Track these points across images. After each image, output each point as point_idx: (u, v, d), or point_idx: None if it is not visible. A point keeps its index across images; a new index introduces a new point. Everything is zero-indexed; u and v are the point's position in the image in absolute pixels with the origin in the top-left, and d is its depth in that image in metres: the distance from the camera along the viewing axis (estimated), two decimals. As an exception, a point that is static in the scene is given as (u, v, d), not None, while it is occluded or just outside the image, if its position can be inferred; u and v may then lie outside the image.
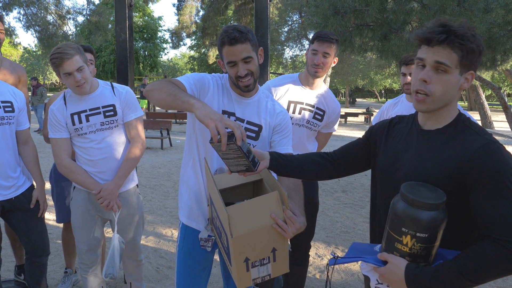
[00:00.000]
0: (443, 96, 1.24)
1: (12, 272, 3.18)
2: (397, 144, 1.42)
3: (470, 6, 4.32)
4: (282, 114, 1.84)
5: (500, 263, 1.15)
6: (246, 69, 1.64)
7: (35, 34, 14.53)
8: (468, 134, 1.25)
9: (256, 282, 1.47)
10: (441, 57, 1.20)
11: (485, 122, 16.51)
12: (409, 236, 1.23)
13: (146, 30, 29.49)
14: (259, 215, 1.38)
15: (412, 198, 1.22)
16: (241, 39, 1.58)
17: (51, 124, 2.24)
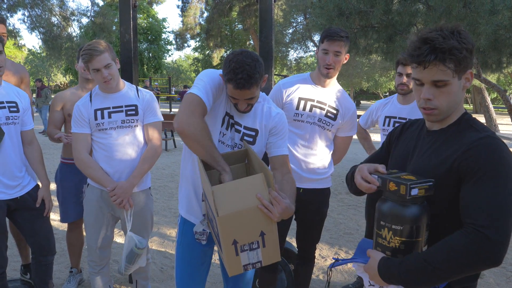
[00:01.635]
0: (450, 104, 1.27)
1: (18, 271, 3.20)
2: (406, 145, 1.45)
3: (476, 8, 4.30)
4: (278, 116, 1.86)
5: (470, 250, 1.12)
6: (246, 104, 1.69)
7: (39, 36, 14.60)
8: (470, 131, 1.27)
9: (247, 269, 1.47)
10: (436, 76, 1.22)
11: (490, 125, 16.44)
12: (387, 229, 1.27)
13: (150, 32, 29.58)
14: (245, 195, 1.40)
15: (385, 191, 1.27)
16: (248, 85, 1.59)
17: (75, 120, 2.33)
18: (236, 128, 1.79)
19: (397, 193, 1.22)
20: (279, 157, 1.83)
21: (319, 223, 2.53)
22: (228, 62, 1.60)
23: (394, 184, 1.22)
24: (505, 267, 3.68)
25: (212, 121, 1.75)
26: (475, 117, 1.35)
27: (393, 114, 2.87)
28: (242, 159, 1.78)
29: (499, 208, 1.13)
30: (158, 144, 2.45)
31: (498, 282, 3.38)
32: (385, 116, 2.91)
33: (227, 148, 1.79)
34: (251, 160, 1.70)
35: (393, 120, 2.86)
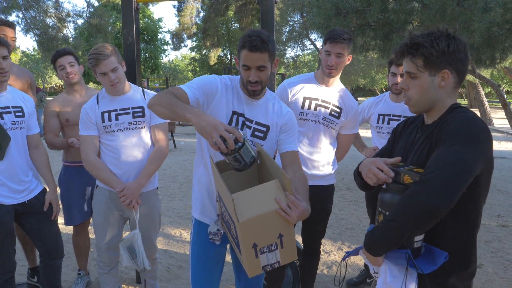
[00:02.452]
0: (421, 97, 1.40)
1: (25, 275, 3.22)
2: (407, 140, 1.54)
3: (469, 6, 4.38)
4: (288, 115, 1.91)
5: (413, 197, 1.20)
6: (257, 77, 1.71)
7: (34, 38, 14.55)
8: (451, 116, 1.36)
9: (266, 270, 1.52)
10: (406, 67, 1.40)
11: (485, 119, 16.56)
12: (382, 215, 1.37)
13: (146, 32, 29.50)
14: (263, 200, 1.44)
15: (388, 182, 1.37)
16: (261, 48, 1.65)
17: (83, 122, 2.36)
18: (247, 124, 1.82)
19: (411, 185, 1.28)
20: (289, 153, 1.87)
21: (324, 219, 2.59)
22: (243, 35, 1.71)
23: (410, 177, 1.29)
24: (502, 256, 3.77)
25: None
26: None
27: (387, 112, 2.94)
28: None
29: (446, 160, 1.21)
30: (164, 145, 2.50)
31: (496, 271, 3.46)
32: (378, 114, 2.98)
33: None
34: (264, 161, 1.73)
35: (387, 118, 2.94)
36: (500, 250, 3.91)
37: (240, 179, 1.77)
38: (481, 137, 1.25)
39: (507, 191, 6.26)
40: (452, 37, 1.35)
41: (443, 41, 1.33)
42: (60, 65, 2.80)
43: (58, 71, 2.83)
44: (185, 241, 4.15)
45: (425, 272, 1.28)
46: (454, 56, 1.35)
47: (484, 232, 4.39)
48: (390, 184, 1.36)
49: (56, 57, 2.81)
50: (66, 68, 2.79)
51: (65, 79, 2.83)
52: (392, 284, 1.33)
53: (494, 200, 5.70)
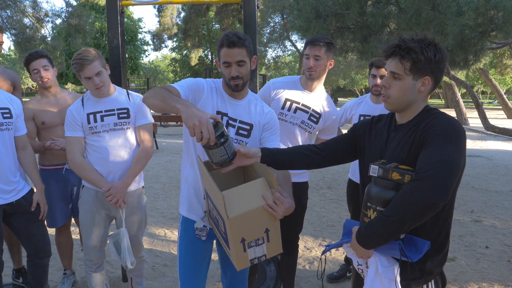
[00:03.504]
0: (400, 97, 1.50)
1: (9, 276, 3.21)
2: (379, 139, 1.63)
3: (443, 10, 4.57)
4: (270, 114, 2.02)
5: (411, 194, 1.29)
6: (238, 71, 1.81)
7: (11, 38, 14.23)
8: (427, 117, 1.48)
9: (253, 262, 1.61)
10: (393, 68, 1.48)
11: (460, 119, 17.06)
12: (372, 209, 1.45)
13: (126, 32, 29.18)
14: (251, 197, 1.53)
15: (375, 177, 1.46)
16: (239, 43, 1.76)
17: (68, 124, 2.39)
18: (230, 123, 1.91)
19: (400, 181, 1.38)
20: None
21: (300, 214, 2.71)
22: (222, 35, 1.81)
23: (398, 174, 1.39)
24: (475, 249, 3.96)
25: None
26: (446, 111, 1.56)
27: (367, 112, 3.08)
28: None
29: (439, 159, 1.31)
30: (149, 145, 2.56)
31: (469, 264, 3.64)
32: (359, 114, 3.13)
33: None
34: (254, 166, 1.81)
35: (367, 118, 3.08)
36: (473, 244, 4.11)
37: (226, 178, 1.84)
38: (462, 138, 1.37)
39: (480, 188, 6.53)
40: (439, 47, 1.45)
41: (431, 49, 1.43)
42: (34, 68, 2.76)
43: (31, 75, 2.79)
44: (170, 240, 4.20)
45: (414, 260, 1.38)
46: (437, 66, 1.45)
47: (458, 227, 4.59)
48: (378, 180, 1.45)
49: (29, 60, 2.76)
50: (40, 72, 2.76)
51: (40, 83, 2.80)
52: (384, 273, 1.42)
53: (468, 197, 5.94)
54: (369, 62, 3.11)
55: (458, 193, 6.15)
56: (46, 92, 2.89)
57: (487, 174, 7.66)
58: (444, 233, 1.48)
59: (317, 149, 1.78)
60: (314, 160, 1.76)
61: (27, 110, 2.79)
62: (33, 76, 2.80)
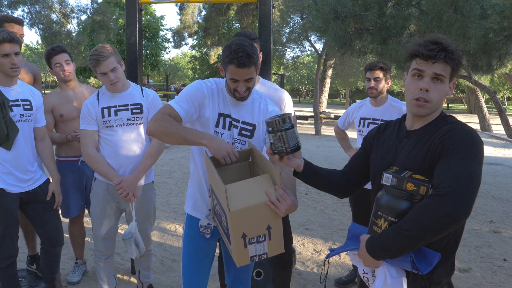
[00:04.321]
0: (439, 101, 1.44)
1: (24, 262, 3.31)
2: (387, 146, 1.59)
3: (466, 12, 4.47)
4: (274, 113, 1.99)
5: (431, 210, 1.25)
6: (245, 87, 1.81)
7: (39, 32, 14.64)
8: (444, 125, 1.43)
9: (254, 260, 1.61)
10: (439, 70, 1.40)
11: (483, 125, 16.60)
12: (383, 219, 1.41)
13: (148, 29, 29.58)
14: (254, 192, 1.53)
15: (387, 186, 1.41)
16: (249, 64, 1.73)
17: (83, 117, 2.46)
18: (234, 124, 1.91)
19: (415, 192, 1.34)
20: None
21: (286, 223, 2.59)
22: (228, 46, 1.75)
23: (413, 184, 1.34)
24: (491, 261, 3.83)
25: (203, 125, 1.90)
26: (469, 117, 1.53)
27: (367, 115, 3.11)
28: (246, 158, 1.90)
29: (461, 174, 1.26)
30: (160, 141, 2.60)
31: (484, 276, 3.52)
32: (360, 117, 3.16)
33: None
34: (256, 159, 1.82)
35: (367, 121, 3.11)
36: (489, 256, 3.97)
37: (232, 176, 1.85)
38: (482, 153, 1.33)
39: (501, 198, 6.30)
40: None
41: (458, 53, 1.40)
42: (57, 62, 2.85)
43: (53, 68, 2.88)
44: (180, 236, 4.25)
45: (424, 273, 1.35)
46: (459, 71, 1.45)
47: (475, 237, 4.46)
48: (390, 189, 1.40)
49: (52, 54, 2.85)
50: (63, 66, 2.85)
51: (61, 76, 2.88)
52: (393, 285, 1.39)
53: (487, 206, 5.76)
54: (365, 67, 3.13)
55: (477, 202, 5.98)
56: (65, 86, 2.97)
57: (509, 184, 7.42)
58: (452, 242, 1.45)
59: (343, 173, 1.76)
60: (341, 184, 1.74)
61: (47, 103, 2.87)
62: (54, 69, 2.88)
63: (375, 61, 3.03)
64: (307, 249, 4.04)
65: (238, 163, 1.85)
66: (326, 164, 8.35)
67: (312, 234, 4.45)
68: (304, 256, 3.87)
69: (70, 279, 3.11)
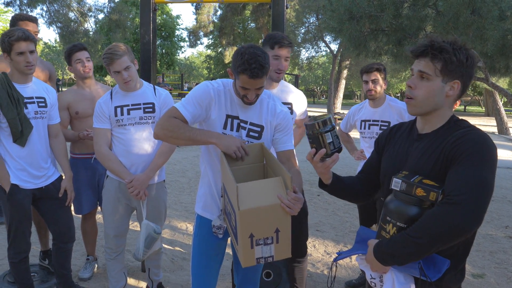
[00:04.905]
0: (426, 99, 1.41)
1: (37, 257, 3.36)
2: (398, 148, 1.56)
3: (484, 14, 4.37)
4: (282, 114, 1.97)
5: (442, 218, 1.22)
6: (255, 94, 1.81)
7: (57, 31, 14.90)
8: (456, 129, 1.39)
9: (259, 262, 1.60)
10: (422, 67, 1.39)
11: (501, 128, 16.27)
12: (391, 224, 1.39)
13: (164, 29, 29.86)
14: (265, 194, 1.52)
15: (396, 191, 1.38)
16: (261, 75, 1.73)
17: (96, 115, 2.49)
18: (242, 125, 1.91)
19: (425, 198, 1.31)
20: (285, 152, 1.97)
21: (304, 220, 2.63)
22: (240, 55, 1.73)
23: (423, 190, 1.31)
24: (506, 267, 3.76)
25: (209, 127, 1.90)
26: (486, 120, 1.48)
27: (368, 117, 3.10)
28: (260, 159, 1.89)
29: (473, 182, 1.23)
30: None
31: (499, 282, 3.46)
32: (361, 120, 3.16)
33: None
34: (269, 161, 1.82)
35: (367, 123, 3.10)
36: (504, 262, 3.89)
37: (247, 175, 1.85)
38: (495, 159, 1.30)
39: (517, 202, 6.21)
40: (470, 52, 1.38)
41: (463, 52, 1.37)
42: (78, 58, 2.90)
43: (73, 64, 2.92)
44: (191, 234, 4.27)
45: (433, 280, 1.32)
46: (468, 70, 1.38)
47: (489, 243, 4.37)
48: (400, 194, 1.37)
49: (73, 51, 2.91)
50: (84, 62, 2.91)
51: (81, 72, 2.93)
52: None
53: (503, 211, 5.64)
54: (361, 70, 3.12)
55: (492, 207, 5.84)
56: (82, 83, 3.01)
57: (526, 188, 7.27)
58: (462, 249, 1.41)
59: (359, 179, 1.75)
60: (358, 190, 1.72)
61: (63, 100, 2.92)
62: (75, 66, 2.92)
63: (370, 63, 3.01)
64: (318, 250, 4.01)
65: (253, 164, 1.85)
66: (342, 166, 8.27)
67: (323, 236, 4.41)
68: (315, 257, 3.85)
69: (81, 275, 3.15)
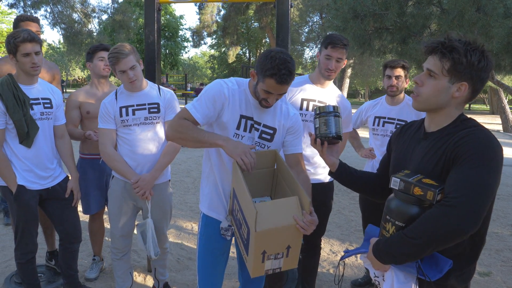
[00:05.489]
0: (431, 97, 1.39)
1: (43, 258, 3.37)
2: (405, 146, 1.56)
3: (489, 11, 4.35)
4: (295, 117, 1.99)
5: (439, 220, 1.22)
6: (275, 100, 1.82)
7: (60, 32, 14.98)
8: (462, 128, 1.36)
9: (267, 273, 1.64)
10: (430, 65, 1.38)
11: (506, 126, 16.17)
12: (390, 223, 1.39)
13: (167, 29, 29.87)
14: (281, 214, 1.54)
15: (396, 190, 1.38)
16: (289, 81, 1.73)
17: (101, 116, 2.48)
18: (255, 127, 1.91)
19: (422, 197, 1.30)
20: (295, 155, 1.97)
21: (325, 215, 2.67)
22: (270, 58, 1.70)
23: (420, 189, 1.31)
24: (513, 265, 3.75)
25: (220, 127, 1.89)
26: (491, 118, 1.45)
27: (383, 114, 3.02)
28: (271, 164, 1.88)
29: (472, 184, 1.22)
30: None
31: (505, 280, 3.44)
32: (375, 116, 3.07)
33: None
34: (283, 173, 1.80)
35: (382, 120, 3.03)
36: (511, 260, 3.88)
37: (255, 181, 1.85)
38: (499, 160, 1.28)
39: (523, 200, 6.17)
40: (486, 55, 1.35)
41: (477, 54, 1.33)
42: (101, 56, 2.93)
43: (95, 61, 2.93)
44: (196, 234, 4.24)
45: (432, 279, 1.32)
46: (479, 73, 1.34)
47: (496, 241, 4.35)
48: (399, 193, 1.37)
49: (99, 49, 2.94)
50: (106, 61, 2.92)
51: (101, 70, 2.94)
52: None
53: (509, 209, 5.60)
54: (382, 64, 3.05)
55: (498, 205, 5.80)
56: (97, 83, 3.00)
57: (532, 186, 7.22)
58: (469, 250, 1.39)
59: (377, 176, 1.76)
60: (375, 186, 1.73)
61: (75, 99, 2.95)
62: (97, 63, 2.92)
63: (395, 59, 2.96)
64: (323, 249, 4.00)
65: (263, 169, 1.84)
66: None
67: (328, 235, 4.40)
68: (321, 256, 3.82)
69: (88, 276, 3.16)
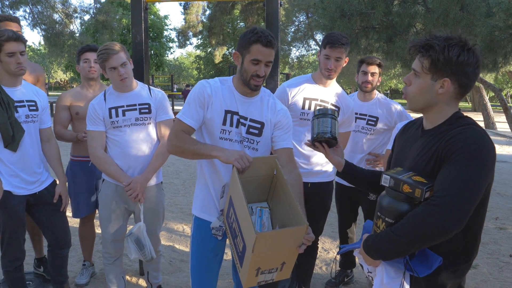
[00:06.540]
0: (416, 96, 1.41)
1: (31, 265, 3.29)
2: (404, 144, 1.57)
3: (472, 10, 4.43)
4: (282, 112, 1.97)
5: (424, 219, 1.23)
6: (264, 71, 1.79)
7: (41, 33, 14.66)
8: (455, 126, 1.36)
9: (259, 284, 1.65)
10: (414, 65, 1.41)
11: (488, 123, 16.53)
12: (380, 219, 1.40)
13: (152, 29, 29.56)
14: (283, 242, 1.53)
15: (387, 187, 1.40)
16: (273, 44, 1.75)
17: (90, 118, 2.42)
18: (241, 122, 1.88)
19: (411, 195, 1.31)
20: (284, 149, 1.94)
21: (323, 215, 2.68)
22: (250, 31, 1.77)
23: (409, 186, 1.31)
24: (498, 257, 3.84)
25: (208, 124, 1.88)
26: (473, 115, 1.47)
27: (356, 109, 3.00)
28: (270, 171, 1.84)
29: (459, 183, 1.22)
30: None
31: (491, 272, 3.52)
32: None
33: (235, 144, 1.88)
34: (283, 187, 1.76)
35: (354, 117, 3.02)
36: (496, 252, 3.98)
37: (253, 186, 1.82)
38: (490, 158, 1.27)
39: (506, 195, 6.31)
40: (468, 49, 1.32)
41: (455, 49, 1.31)
42: (86, 58, 2.87)
43: (81, 63, 2.89)
44: (187, 236, 4.23)
45: (421, 275, 1.33)
46: (461, 68, 1.32)
47: (481, 234, 4.45)
48: (389, 190, 1.39)
49: (84, 50, 2.89)
50: (90, 63, 2.87)
51: (86, 72, 2.89)
52: (389, 285, 1.38)
53: (493, 203, 5.75)
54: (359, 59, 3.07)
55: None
56: (87, 84, 2.97)
57: (514, 181, 7.40)
58: (462, 247, 1.39)
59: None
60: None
61: (65, 99, 2.91)
62: (82, 65, 2.89)
63: (372, 56, 2.98)
64: (314, 249, 4.01)
65: (263, 175, 1.82)
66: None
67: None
68: (312, 256, 3.85)
69: (78, 281, 3.09)
